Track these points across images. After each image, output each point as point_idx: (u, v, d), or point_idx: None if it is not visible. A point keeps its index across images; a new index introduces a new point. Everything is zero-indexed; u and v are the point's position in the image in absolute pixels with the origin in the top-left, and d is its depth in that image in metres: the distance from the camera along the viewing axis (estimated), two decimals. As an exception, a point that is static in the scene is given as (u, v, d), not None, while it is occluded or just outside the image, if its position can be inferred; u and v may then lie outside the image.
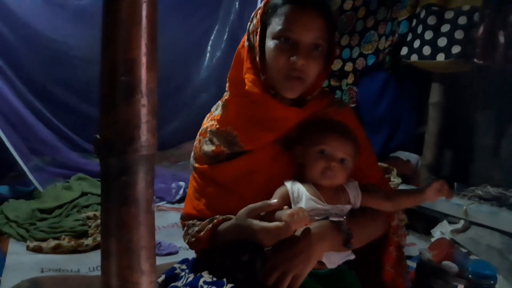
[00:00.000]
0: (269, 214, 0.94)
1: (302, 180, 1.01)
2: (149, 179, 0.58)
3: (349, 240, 0.95)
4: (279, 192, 1.00)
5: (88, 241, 1.98)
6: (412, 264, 1.57)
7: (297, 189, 0.99)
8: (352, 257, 0.99)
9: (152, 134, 0.57)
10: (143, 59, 0.54)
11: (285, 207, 0.94)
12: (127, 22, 0.52)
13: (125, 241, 0.56)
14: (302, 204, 0.96)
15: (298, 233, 0.93)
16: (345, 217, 0.97)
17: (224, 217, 1.03)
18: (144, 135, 0.56)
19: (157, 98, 0.57)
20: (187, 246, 1.13)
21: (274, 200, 0.96)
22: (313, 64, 0.99)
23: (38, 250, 1.90)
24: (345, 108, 1.16)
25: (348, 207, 1.00)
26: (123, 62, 0.53)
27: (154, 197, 2.35)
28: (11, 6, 2.96)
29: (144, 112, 0.55)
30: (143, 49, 0.54)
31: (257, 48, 1.01)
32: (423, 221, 2.24)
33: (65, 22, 3.16)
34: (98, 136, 0.56)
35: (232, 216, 1.02)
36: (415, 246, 2.04)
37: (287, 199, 0.98)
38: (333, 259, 0.96)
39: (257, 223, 0.93)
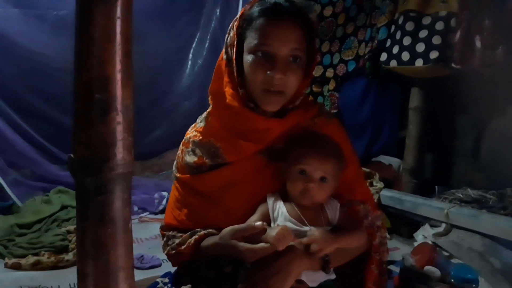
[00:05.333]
0: (253, 235, 0.93)
1: (287, 196, 1.00)
2: (126, 198, 0.57)
3: (327, 265, 0.94)
4: (261, 209, 1.01)
5: (69, 256, 1.93)
6: (396, 269, 1.58)
7: (277, 207, 0.99)
8: (333, 276, 0.98)
9: (128, 151, 0.56)
10: (118, 76, 0.53)
11: (273, 226, 0.94)
12: (100, 38, 0.51)
13: (102, 262, 0.55)
14: (279, 224, 0.95)
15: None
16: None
17: (206, 232, 1.02)
18: (120, 153, 0.55)
19: (133, 114, 0.56)
20: (170, 258, 1.12)
21: (259, 223, 0.94)
22: (292, 76, 0.97)
23: (16, 267, 1.85)
24: (332, 120, 1.13)
25: (328, 228, 0.98)
26: (98, 80, 0.52)
27: (137, 208, 2.30)
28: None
29: (119, 130, 0.54)
30: (118, 66, 0.53)
31: (234, 62, 1.00)
32: (406, 225, 2.27)
33: (44, 34, 3.11)
34: (72, 155, 0.55)
35: (214, 231, 1.01)
36: (398, 250, 2.06)
37: (268, 216, 0.99)
38: (313, 278, 0.95)
39: (242, 244, 0.92)
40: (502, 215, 1.90)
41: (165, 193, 2.81)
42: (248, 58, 0.98)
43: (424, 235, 2.00)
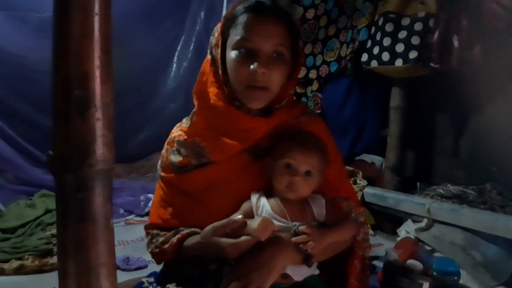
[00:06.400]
0: (234, 230, 0.93)
1: (272, 192, 1.01)
2: (106, 194, 0.56)
3: (309, 259, 0.94)
4: (244, 206, 1.01)
5: (53, 259, 1.91)
6: (380, 264, 1.60)
7: (261, 204, 0.99)
8: (316, 272, 0.99)
9: (108, 148, 0.56)
10: (97, 73, 0.53)
11: (253, 219, 0.94)
12: (78, 35, 0.51)
13: (83, 260, 0.55)
14: None
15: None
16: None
17: (188, 231, 1.02)
18: (100, 149, 0.54)
19: (112, 111, 0.56)
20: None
21: (239, 216, 0.95)
22: (275, 72, 0.98)
23: (-1, 272, 1.83)
24: (316, 118, 1.15)
25: (313, 224, 0.99)
26: (76, 76, 0.52)
27: (123, 211, 2.28)
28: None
29: (99, 126, 0.54)
30: (96, 62, 0.53)
31: (219, 61, 1.00)
32: (389, 221, 2.30)
33: (27, 36, 3.09)
34: (51, 152, 0.55)
35: (197, 229, 1.01)
36: (382, 246, 2.09)
37: (252, 213, 0.99)
38: (298, 272, 0.95)
39: (224, 240, 0.92)
40: (482, 210, 1.95)
41: (151, 195, 2.80)
42: (231, 54, 0.99)
43: (407, 230, 2.03)
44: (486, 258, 1.75)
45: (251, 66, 0.95)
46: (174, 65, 3.88)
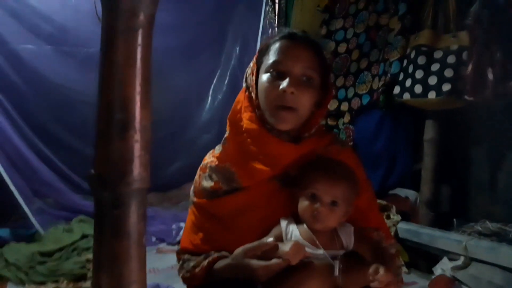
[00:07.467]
0: (265, 253, 0.94)
1: (301, 220, 1.02)
2: (141, 213, 0.58)
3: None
4: (274, 231, 1.02)
5: (87, 284, 1.96)
6: (413, 302, 1.54)
7: (291, 230, 1.00)
8: None
9: (145, 168, 0.58)
10: (137, 98, 0.57)
11: (285, 242, 0.95)
12: (122, 63, 0.56)
13: (116, 275, 0.57)
14: None
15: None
16: (338, 261, 0.95)
17: (219, 255, 1.04)
18: (137, 169, 0.57)
19: (150, 134, 0.59)
20: (185, 288, 1.13)
21: (270, 239, 0.96)
22: (303, 93, 1.01)
23: (36, 293, 1.89)
24: (346, 148, 1.16)
25: (341, 252, 0.99)
26: (118, 101, 0.56)
27: (155, 239, 2.34)
28: (23, 55, 3.12)
29: (137, 147, 0.57)
30: (137, 88, 0.57)
31: (254, 86, 1.06)
32: (424, 259, 2.21)
33: (73, 69, 3.29)
34: (92, 171, 0.58)
35: (227, 253, 1.03)
36: (416, 284, 2.01)
37: (281, 238, 0.99)
38: None
39: (255, 262, 0.93)
40: (522, 248, 1.85)
41: (182, 224, 2.83)
42: (263, 77, 1.04)
43: (442, 268, 1.95)
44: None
45: (281, 86, 1.00)
46: (209, 97, 4.01)
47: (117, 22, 0.55)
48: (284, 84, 1.00)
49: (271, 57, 1.04)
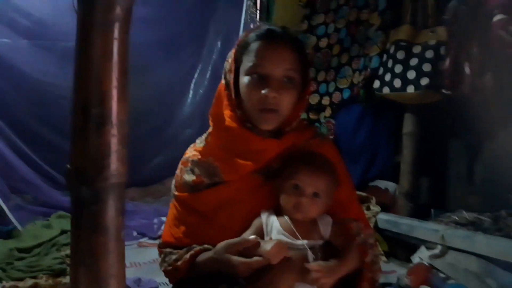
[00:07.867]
0: (246, 249, 0.96)
1: (281, 211, 1.03)
2: (119, 207, 0.58)
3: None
4: (255, 223, 1.03)
5: (66, 279, 1.94)
6: (391, 290, 1.58)
7: (271, 222, 1.01)
8: None
9: (122, 163, 0.58)
10: (114, 92, 0.57)
11: (266, 239, 0.97)
12: (98, 57, 0.55)
13: (94, 270, 0.57)
14: (272, 238, 0.98)
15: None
16: (310, 252, 0.97)
17: (201, 247, 1.05)
18: (114, 163, 0.57)
19: (127, 129, 0.59)
20: (167, 281, 1.13)
21: (252, 236, 0.98)
22: (285, 95, 1.02)
23: (14, 290, 1.86)
24: (326, 141, 1.18)
25: (320, 242, 1.01)
26: (95, 95, 0.56)
27: (136, 233, 2.32)
28: (-1, 50, 3.04)
29: (114, 142, 0.57)
30: (114, 82, 0.56)
31: (232, 85, 1.06)
32: (402, 248, 2.26)
33: (51, 64, 3.23)
34: (69, 166, 0.57)
35: (209, 246, 1.04)
36: (395, 273, 2.05)
37: (261, 230, 1.01)
38: None
39: (236, 258, 0.94)
40: (497, 236, 1.90)
41: (164, 218, 2.82)
42: (244, 80, 1.04)
43: (420, 257, 2.00)
44: (501, 286, 1.70)
45: (263, 91, 1.00)
46: (191, 92, 3.99)
47: (93, 15, 0.54)
48: (266, 90, 1.00)
49: (251, 59, 1.03)
